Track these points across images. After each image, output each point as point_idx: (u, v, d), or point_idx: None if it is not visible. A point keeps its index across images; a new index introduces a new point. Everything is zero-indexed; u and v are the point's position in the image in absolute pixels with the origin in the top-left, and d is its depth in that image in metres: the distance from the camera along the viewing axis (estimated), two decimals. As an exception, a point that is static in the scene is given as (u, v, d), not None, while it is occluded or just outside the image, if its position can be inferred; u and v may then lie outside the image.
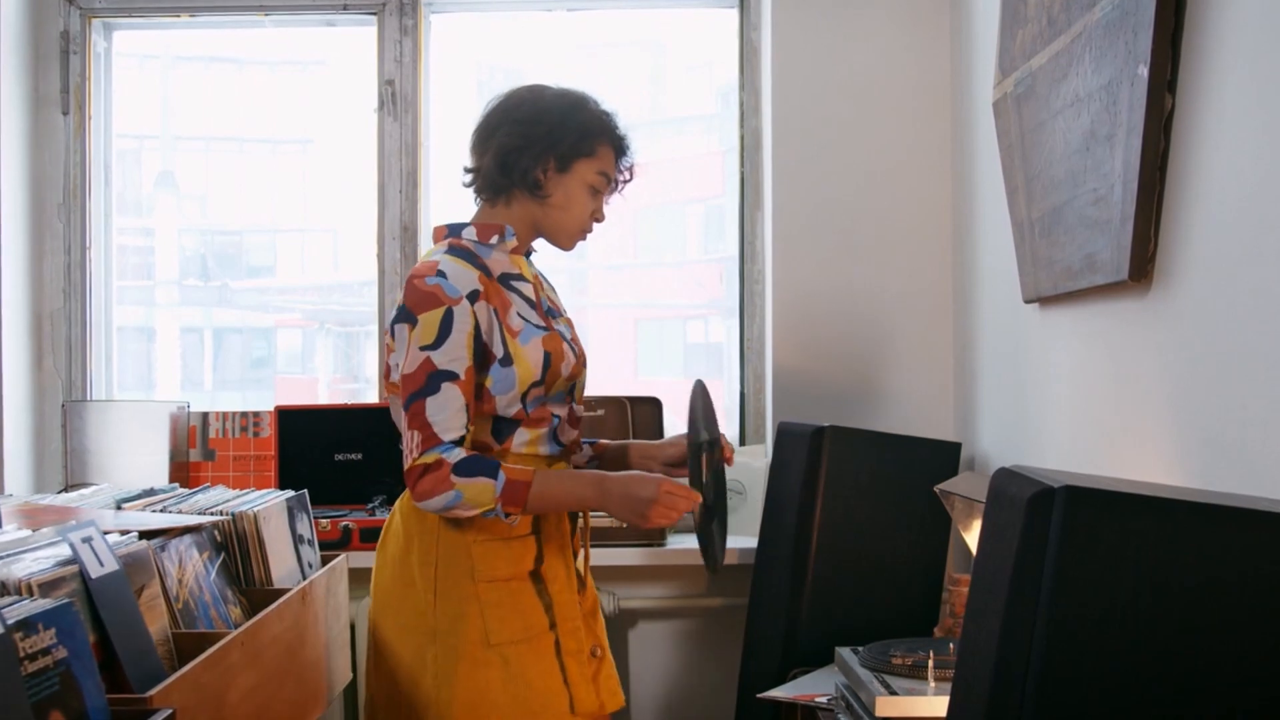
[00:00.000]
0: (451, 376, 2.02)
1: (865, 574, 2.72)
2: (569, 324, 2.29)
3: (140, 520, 1.95)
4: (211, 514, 2.13)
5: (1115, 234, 1.92)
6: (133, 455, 3.29)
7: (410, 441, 2.03)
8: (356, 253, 3.61)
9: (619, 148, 2.24)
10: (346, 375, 3.79)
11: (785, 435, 2.90)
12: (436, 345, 2.02)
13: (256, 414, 3.40)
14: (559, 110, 2.17)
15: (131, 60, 3.65)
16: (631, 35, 3.79)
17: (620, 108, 2.32)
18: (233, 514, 2.14)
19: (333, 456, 3.33)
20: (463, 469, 1.98)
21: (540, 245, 2.32)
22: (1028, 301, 2.45)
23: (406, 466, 2.03)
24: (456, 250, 2.14)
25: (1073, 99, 2.10)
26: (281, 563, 2.22)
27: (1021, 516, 1.18)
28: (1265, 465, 1.55)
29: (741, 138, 3.43)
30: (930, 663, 2.05)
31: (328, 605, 2.34)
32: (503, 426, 2.12)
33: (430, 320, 2.03)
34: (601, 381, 3.61)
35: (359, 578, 3.14)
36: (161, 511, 2.14)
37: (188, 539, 1.94)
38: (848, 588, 2.71)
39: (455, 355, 2.03)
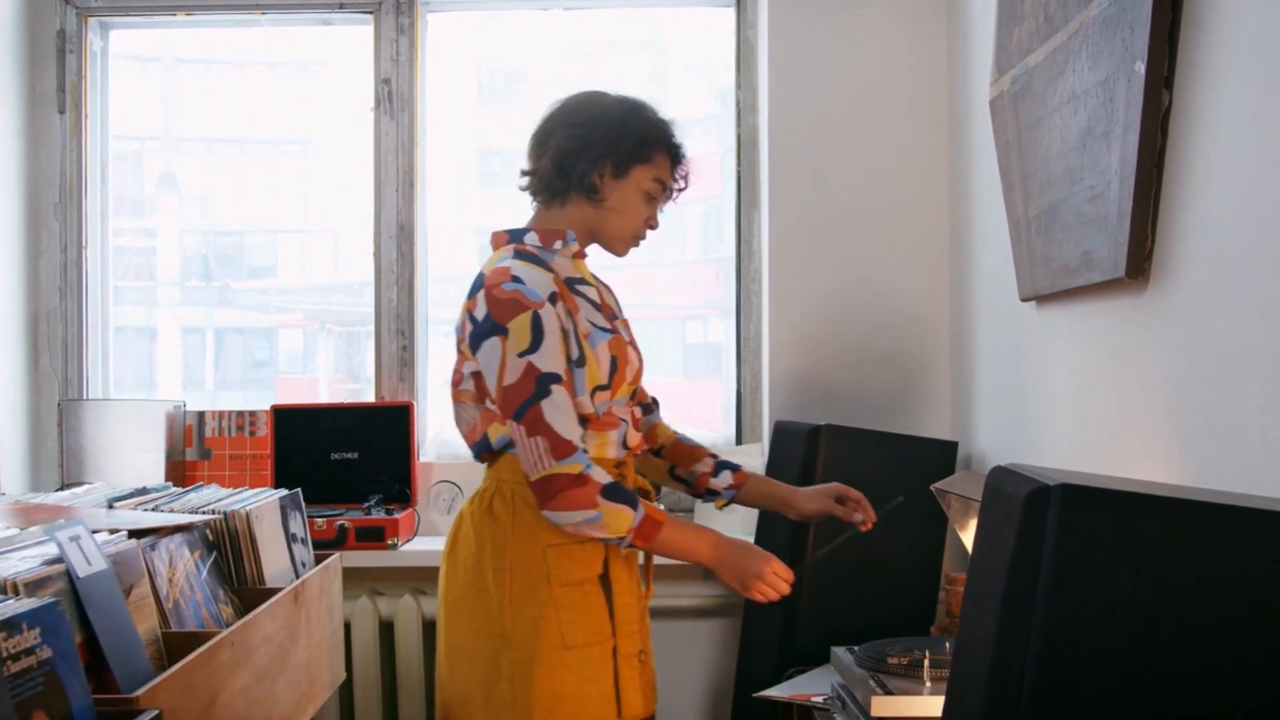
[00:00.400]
0: (556, 379, 2.02)
1: (861, 573, 2.71)
2: (626, 325, 2.28)
3: (130, 519, 1.93)
4: (203, 513, 2.12)
5: (1112, 231, 1.90)
6: (129, 454, 3.28)
7: (536, 449, 2.00)
8: (357, 253, 3.60)
9: (675, 156, 2.23)
10: (347, 375, 3.77)
11: (782, 434, 2.89)
12: (534, 349, 2.01)
13: (253, 413, 3.39)
14: (617, 115, 2.17)
15: (133, 62, 3.65)
16: (629, 35, 3.77)
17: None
18: (224, 513, 2.12)
19: (329, 455, 3.32)
20: (609, 493, 1.99)
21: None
22: (1025, 300, 2.44)
23: (541, 473, 1.99)
24: (523, 255, 2.14)
25: (1069, 96, 2.09)
26: (274, 562, 2.20)
27: (1018, 514, 1.17)
28: (1262, 463, 1.54)
29: (738, 136, 3.41)
30: (926, 662, 2.03)
31: (321, 604, 2.32)
32: None
33: (521, 326, 2.02)
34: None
35: (353, 577, 3.13)
36: (153, 510, 2.12)
37: (178, 538, 1.92)
38: (844, 587, 2.70)
39: (553, 357, 2.02)
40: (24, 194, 3.36)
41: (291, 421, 3.32)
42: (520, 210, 2.33)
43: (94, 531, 1.65)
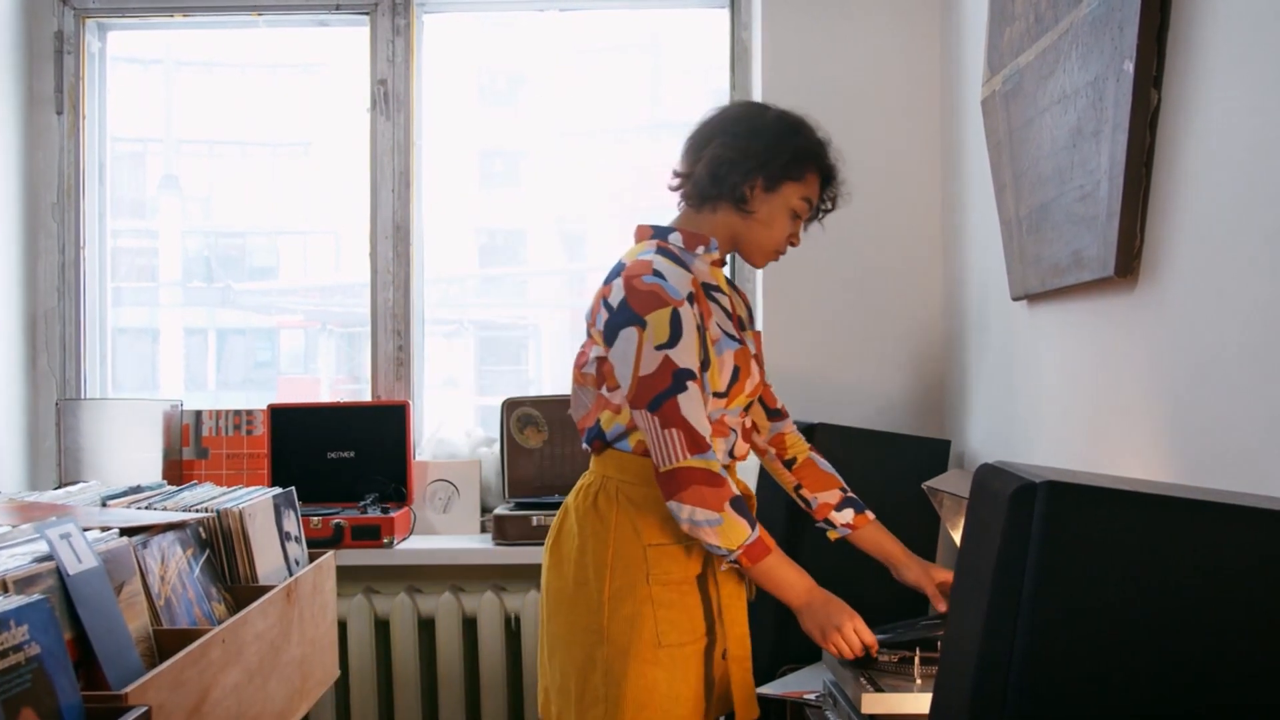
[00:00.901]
0: (692, 375, 2.03)
1: (855, 570, 2.70)
2: (756, 339, 2.27)
3: (122, 517, 1.92)
4: (197, 511, 2.11)
5: (1102, 230, 1.90)
6: (126, 453, 3.27)
7: (671, 440, 2.00)
8: (357, 254, 3.60)
9: (827, 176, 2.23)
10: (349, 375, 3.77)
11: (775, 433, 2.89)
12: (672, 344, 2.02)
13: (250, 412, 3.38)
14: (776, 131, 2.16)
15: (134, 64, 3.64)
16: (626, 37, 3.77)
17: (617, 109, 2.30)
18: (218, 511, 2.11)
19: (326, 455, 3.32)
20: (736, 504, 2.01)
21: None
22: (1016, 298, 2.44)
23: (675, 465, 2.00)
24: (666, 253, 2.14)
25: (1059, 95, 2.08)
26: (268, 560, 2.20)
27: (1004, 511, 1.17)
28: (1249, 461, 1.54)
29: (733, 137, 3.40)
30: (916, 660, 2.03)
31: (315, 602, 2.31)
32: None
33: (660, 319, 2.02)
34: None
35: (349, 575, 3.13)
36: (147, 508, 2.11)
37: (171, 536, 1.91)
38: (838, 585, 2.69)
39: (689, 353, 2.03)
40: (22, 194, 3.35)
41: (288, 421, 3.32)
42: (520, 211, 2.33)
43: (86, 529, 1.64)
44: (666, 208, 2.29)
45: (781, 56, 3.24)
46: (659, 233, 2.20)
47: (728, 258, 2.27)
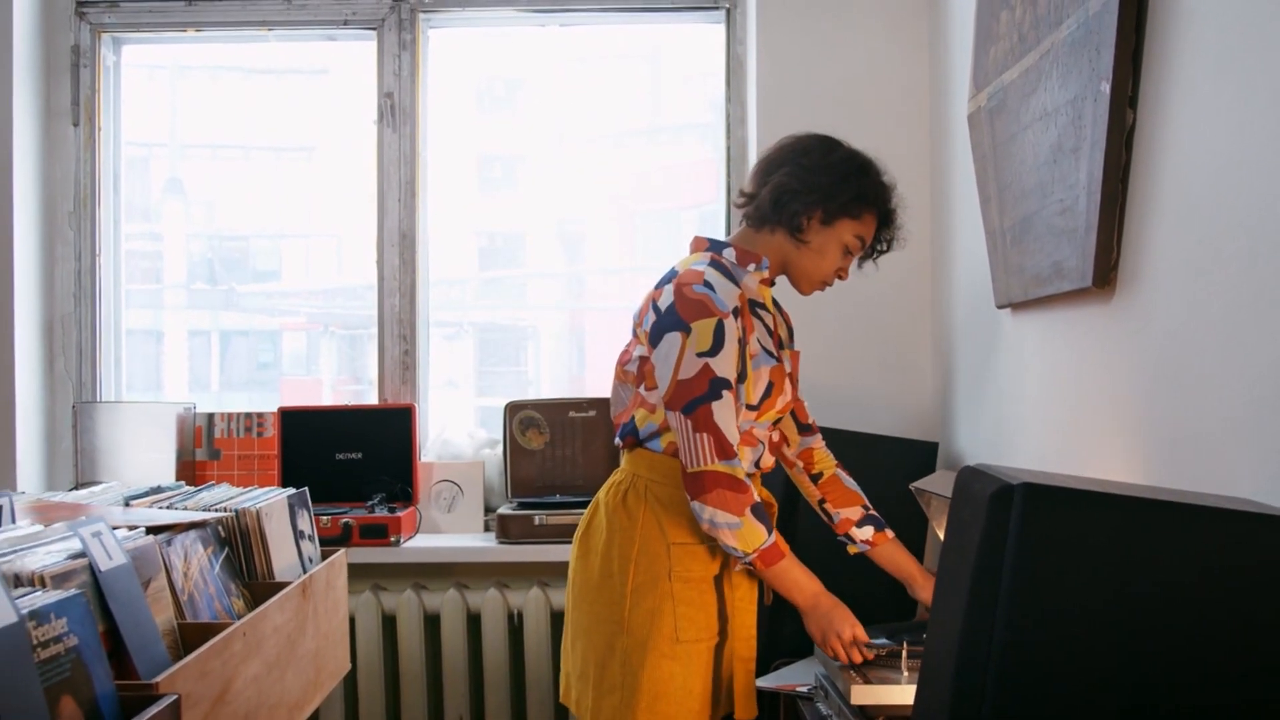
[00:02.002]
0: (728, 385, 2.08)
1: (846, 568, 2.74)
2: (794, 358, 2.33)
3: (147, 516, 1.97)
4: (216, 510, 2.16)
5: (1081, 243, 1.95)
6: (141, 454, 3.32)
7: (701, 444, 2.06)
8: (358, 257, 3.64)
9: (885, 219, 2.28)
10: (350, 377, 3.80)
11: (769, 435, 2.93)
12: (713, 353, 2.07)
13: (260, 415, 3.43)
14: (843, 169, 2.21)
15: (140, 70, 3.67)
16: (625, 48, 3.81)
17: (614, 114, 2.34)
18: (236, 510, 2.17)
19: (334, 456, 3.36)
20: (756, 510, 2.07)
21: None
22: (1000, 307, 2.48)
23: (701, 467, 2.06)
24: (718, 266, 2.19)
25: (1041, 113, 2.13)
26: (283, 557, 2.25)
27: (983, 513, 1.20)
28: (1218, 463, 1.58)
29: (728, 148, 3.45)
30: (904, 653, 2.08)
31: (327, 598, 2.36)
32: None
33: (704, 328, 2.08)
34: (598, 383, 3.64)
35: (357, 572, 3.17)
36: (168, 508, 2.16)
37: (192, 534, 1.97)
38: (830, 581, 2.73)
39: (728, 364, 2.09)
40: (40, 204, 3.40)
41: (298, 423, 3.36)
42: (519, 215, 2.37)
43: (114, 528, 1.70)
44: (666, 210, 2.33)
45: (775, 71, 3.29)
46: (714, 246, 2.26)
47: (776, 280, 2.31)
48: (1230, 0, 1.56)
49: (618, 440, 2.27)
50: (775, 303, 2.35)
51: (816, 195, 2.19)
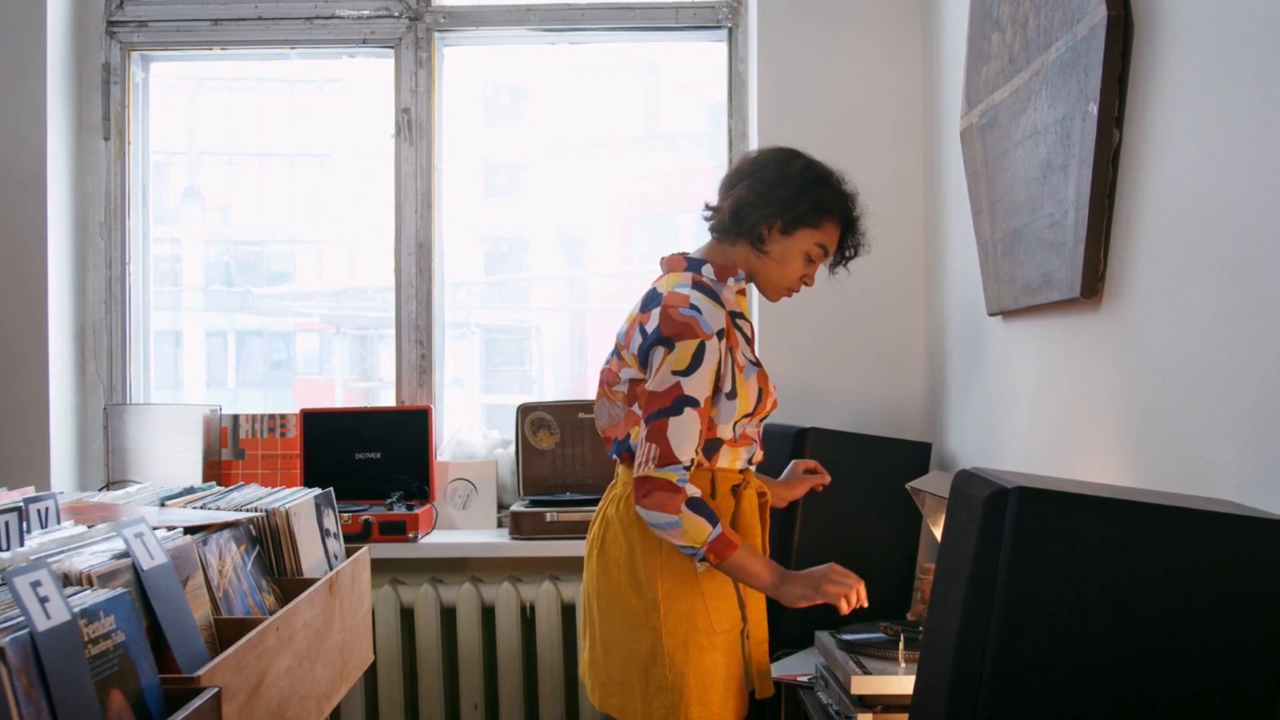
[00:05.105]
0: (693, 403, 2.09)
1: (844, 562, 2.76)
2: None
3: (184, 517, 2.00)
4: (247, 510, 2.18)
5: (1069, 255, 1.96)
6: (169, 454, 3.34)
7: (647, 451, 2.09)
8: (370, 261, 3.65)
9: (846, 226, 2.30)
10: (361, 376, 3.82)
11: (771, 435, 2.94)
12: (687, 373, 2.09)
13: (283, 416, 3.45)
14: (799, 181, 2.23)
15: (159, 80, 3.68)
16: (625, 58, 3.82)
17: (615, 123, 2.36)
18: (266, 510, 2.19)
19: (354, 455, 3.39)
20: (693, 505, 2.07)
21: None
22: (991, 314, 2.50)
23: (641, 473, 2.09)
24: (701, 287, 2.20)
25: (1031, 131, 2.15)
26: (310, 554, 2.27)
27: (979, 514, 1.22)
28: (1204, 466, 1.60)
29: (730, 161, 3.47)
30: (901, 645, 2.10)
31: (352, 593, 2.39)
32: (712, 446, 2.19)
33: (685, 349, 2.10)
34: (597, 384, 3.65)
35: (377, 567, 3.19)
36: (201, 508, 2.19)
37: (226, 533, 1.99)
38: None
39: (700, 385, 2.10)
40: (72, 215, 3.43)
41: (319, 424, 3.39)
42: (522, 220, 2.39)
43: (153, 528, 1.72)
44: (663, 213, 2.35)
45: (776, 88, 3.31)
46: (692, 265, 2.27)
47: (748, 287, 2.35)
48: (1212, 26, 1.58)
49: (613, 455, 2.28)
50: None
51: (774, 207, 2.21)
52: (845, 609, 2.10)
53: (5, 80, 3.27)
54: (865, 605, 2.13)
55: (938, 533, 2.50)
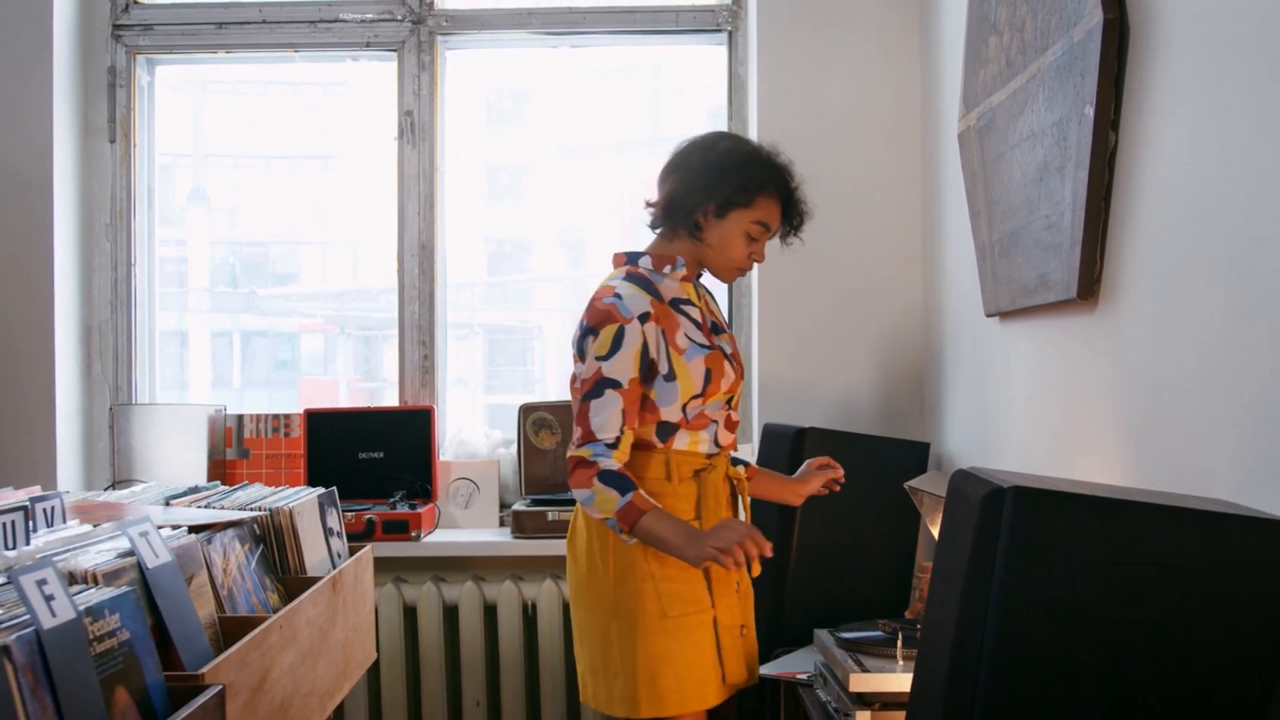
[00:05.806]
0: (615, 384, 2.14)
1: (843, 561, 2.77)
2: (731, 340, 2.35)
3: (189, 516, 2.00)
4: (251, 509, 2.18)
5: (1065, 256, 1.96)
6: (174, 454, 3.35)
7: (574, 435, 2.16)
8: (374, 262, 3.66)
9: (782, 199, 2.29)
10: (365, 376, 3.83)
11: (770, 435, 2.95)
12: (608, 357, 2.14)
13: (287, 416, 3.46)
14: (723, 164, 2.23)
15: (164, 84, 3.69)
16: (627, 61, 3.83)
17: (617, 126, 2.37)
18: (270, 509, 2.19)
19: (357, 455, 3.39)
20: (605, 478, 2.10)
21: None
22: (989, 315, 2.50)
23: (569, 453, 2.16)
24: (633, 277, 2.23)
25: (1028, 134, 2.15)
26: (314, 553, 2.27)
27: (976, 514, 1.22)
28: (1198, 466, 1.59)
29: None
30: (899, 643, 2.10)
31: (355, 591, 2.39)
32: (665, 429, 2.21)
33: (606, 335, 2.15)
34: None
35: (380, 566, 3.20)
36: (206, 507, 2.19)
37: (230, 532, 1.99)
38: (827, 574, 2.76)
39: (621, 367, 2.14)
40: (79, 217, 3.43)
41: (323, 424, 3.39)
42: (525, 222, 2.40)
43: (158, 527, 1.72)
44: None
45: (775, 91, 3.31)
46: (631, 258, 2.30)
47: (702, 273, 2.35)
48: (1206, 30, 1.58)
49: None
50: (707, 291, 2.37)
51: (703, 194, 2.23)
52: (731, 568, 2.04)
53: (12, 83, 3.28)
54: (768, 555, 2.04)
55: (935, 531, 2.49)
